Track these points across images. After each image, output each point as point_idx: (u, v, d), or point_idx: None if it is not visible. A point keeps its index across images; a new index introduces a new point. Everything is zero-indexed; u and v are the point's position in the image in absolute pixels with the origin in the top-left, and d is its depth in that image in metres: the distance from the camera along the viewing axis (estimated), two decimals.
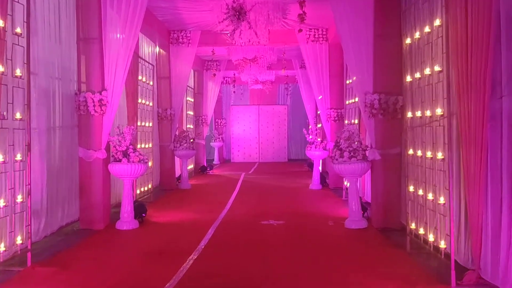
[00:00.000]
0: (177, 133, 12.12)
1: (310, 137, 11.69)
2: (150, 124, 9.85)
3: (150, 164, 9.92)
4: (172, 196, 10.63)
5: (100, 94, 6.95)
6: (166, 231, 7.13)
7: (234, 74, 17.36)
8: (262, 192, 11.32)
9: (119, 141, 7.08)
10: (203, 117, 16.62)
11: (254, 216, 8.14)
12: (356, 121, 8.93)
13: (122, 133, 7.11)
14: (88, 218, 7.04)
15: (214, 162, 20.32)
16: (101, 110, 6.97)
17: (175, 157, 12.06)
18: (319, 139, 11.71)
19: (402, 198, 6.84)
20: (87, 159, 6.98)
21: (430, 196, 4.96)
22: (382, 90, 6.77)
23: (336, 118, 11.61)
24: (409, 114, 5.54)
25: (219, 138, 20.88)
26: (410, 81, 5.49)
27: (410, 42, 5.49)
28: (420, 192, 5.24)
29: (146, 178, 9.84)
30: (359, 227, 6.98)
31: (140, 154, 7.13)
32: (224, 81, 20.32)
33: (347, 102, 9.87)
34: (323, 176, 12.09)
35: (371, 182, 7.31)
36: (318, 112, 15.24)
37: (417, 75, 5.26)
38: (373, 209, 7.08)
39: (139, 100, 9.08)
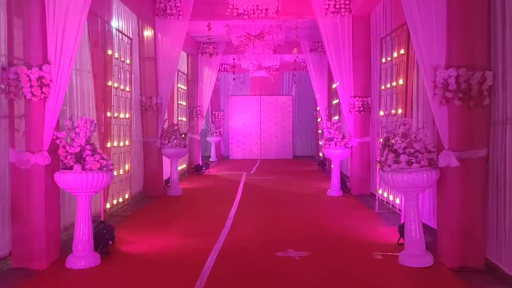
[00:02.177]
0: (165, 126, 9.88)
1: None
2: (127, 116, 7.58)
3: (127, 167, 7.66)
4: (157, 207, 8.38)
5: (40, 69, 4.69)
6: (139, 271, 4.86)
7: (234, 59, 15.08)
8: (271, 201, 9.06)
9: (71, 139, 4.84)
10: (197, 108, 14.35)
11: (265, 242, 5.90)
12: (400, 111, 6.69)
13: (75, 127, 4.86)
14: (24, 253, 4.79)
15: (210, 160, 18.18)
16: (42, 92, 4.70)
17: (163, 156, 9.82)
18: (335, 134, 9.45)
19: (488, 224, 4.64)
20: (22, 165, 4.73)
21: None
22: (460, 63, 4.51)
23: (361, 109, 9.36)
24: None
25: (216, 133, 18.68)
26: None
27: None
28: None
29: (124, 185, 7.59)
30: (422, 265, 4.74)
31: (102, 159, 4.88)
32: (222, 69, 18.09)
33: (382, 87, 7.61)
34: (343, 180, 9.87)
35: (438, 199, 5.08)
36: (334, 102, 13.02)
37: None
38: (444, 239, 4.85)
39: (109, 83, 6.78)
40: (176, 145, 9.65)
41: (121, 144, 7.32)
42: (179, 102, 12.67)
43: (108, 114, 6.71)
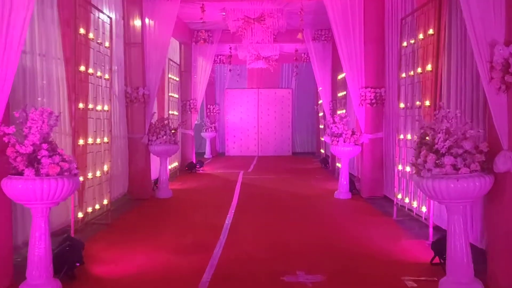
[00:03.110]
0: (153, 121, 8.82)
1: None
2: (106, 108, 6.50)
3: (106, 168, 6.59)
4: (142, 213, 7.34)
5: None
6: None
7: (230, 49, 13.99)
8: (271, 206, 8.03)
9: (25, 135, 3.79)
10: (191, 101, 13.26)
11: (268, 260, 4.87)
12: (427, 103, 5.65)
13: (27, 120, 3.80)
14: None
15: (205, 156, 17.16)
16: None
17: (151, 154, 8.77)
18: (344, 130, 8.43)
19: None
20: None
21: None
22: None
23: (373, 101, 8.33)
24: None
25: (211, 128, 17.63)
26: None
27: None
28: None
29: (103, 188, 6.52)
30: None
31: (64, 161, 3.82)
32: (218, 60, 17.01)
33: (402, 75, 6.57)
34: (352, 181, 8.85)
35: (489, 211, 4.06)
36: (340, 94, 12.00)
37: None
38: (497, 264, 3.83)
39: (82, 68, 5.68)
40: (165, 141, 8.59)
41: (98, 141, 6.24)
42: (170, 94, 11.60)
43: (81, 105, 5.62)
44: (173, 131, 8.88)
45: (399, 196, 6.59)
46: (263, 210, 7.56)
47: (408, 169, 6.25)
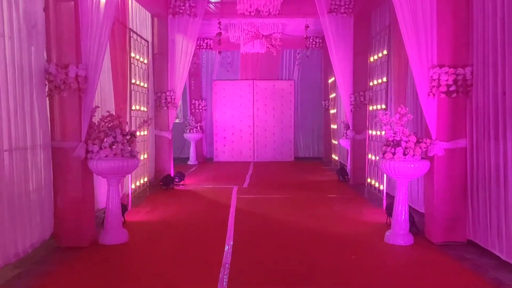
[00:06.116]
0: (96, 120, 5.53)
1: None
2: None
3: None
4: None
5: None
6: None
7: (220, 24, 10.66)
8: (288, 267, 4.73)
9: None
10: (168, 94, 9.93)
11: None
12: None
13: None
14: None
15: (189, 162, 14.01)
16: None
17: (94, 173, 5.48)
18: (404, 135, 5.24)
19: None
20: None
21: None
22: None
23: (452, 88, 5.13)
24: None
25: (196, 128, 14.38)
26: None
27: None
28: None
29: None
30: None
31: None
32: (204, 45, 13.83)
33: None
34: (411, 214, 5.63)
35: None
36: (374, 83, 8.77)
37: None
38: None
39: None
40: (114, 153, 5.30)
41: None
42: (135, 82, 8.28)
43: None
44: (129, 136, 5.57)
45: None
46: (275, 279, 4.29)
47: None
